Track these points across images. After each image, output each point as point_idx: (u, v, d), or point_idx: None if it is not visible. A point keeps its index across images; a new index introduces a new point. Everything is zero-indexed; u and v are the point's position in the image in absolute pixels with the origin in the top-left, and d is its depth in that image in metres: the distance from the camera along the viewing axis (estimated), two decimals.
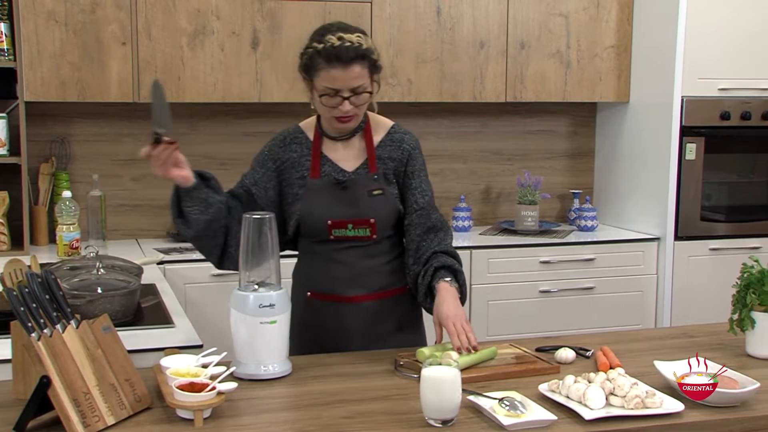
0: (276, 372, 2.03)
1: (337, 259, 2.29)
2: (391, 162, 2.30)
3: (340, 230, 2.26)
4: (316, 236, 2.30)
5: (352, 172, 2.29)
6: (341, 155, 2.30)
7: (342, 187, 2.27)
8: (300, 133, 2.34)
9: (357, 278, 2.29)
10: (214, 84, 3.72)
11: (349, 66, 2.13)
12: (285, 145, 2.33)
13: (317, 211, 2.26)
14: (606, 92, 4.26)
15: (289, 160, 2.32)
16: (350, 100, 2.16)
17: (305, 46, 2.22)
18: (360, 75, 2.15)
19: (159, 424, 1.76)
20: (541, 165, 4.55)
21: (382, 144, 2.31)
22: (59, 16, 3.50)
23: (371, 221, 2.26)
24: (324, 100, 2.18)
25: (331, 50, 2.12)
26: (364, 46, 2.15)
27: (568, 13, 4.15)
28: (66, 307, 1.79)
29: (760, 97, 4.08)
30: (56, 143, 3.86)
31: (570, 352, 2.20)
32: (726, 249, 4.09)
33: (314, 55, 2.16)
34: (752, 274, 2.24)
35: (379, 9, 3.89)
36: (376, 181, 2.27)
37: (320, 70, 2.15)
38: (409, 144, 2.32)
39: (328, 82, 2.15)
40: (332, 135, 2.30)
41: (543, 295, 3.98)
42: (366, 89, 2.18)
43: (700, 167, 4.04)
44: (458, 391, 1.76)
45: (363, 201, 2.26)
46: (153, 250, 3.70)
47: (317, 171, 2.28)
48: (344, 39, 2.13)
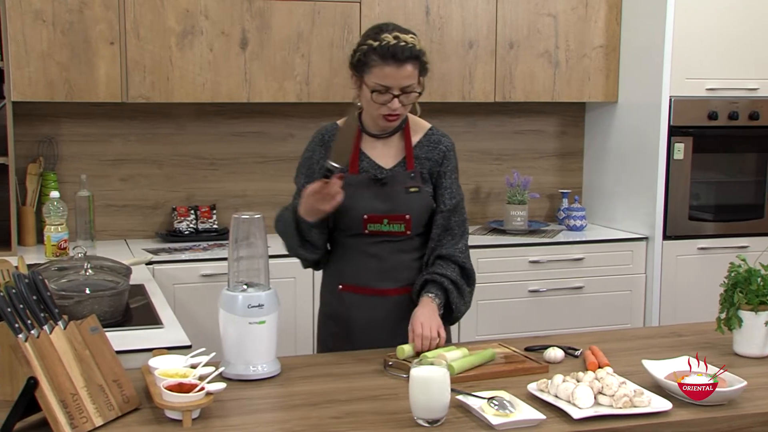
0: (265, 372, 2.03)
1: (370, 252, 2.34)
2: (428, 162, 2.36)
3: (375, 225, 2.31)
4: (350, 230, 2.34)
5: (389, 170, 2.34)
6: (380, 152, 2.36)
7: (380, 184, 2.32)
8: (338, 130, 2.36)
9: (389, 272, 2.34)
10: (203, 84, 3.71)
11: (402, 65, 2.20)
12: (324, 143, 2.37)
13: (354, 205, 2.30)
14: (594, 92, 4.27)
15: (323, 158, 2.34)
16: (399, 98, 2.23)
17: (359, 43, 2.28)
18: (411, 75, 2.22)
19: (147, 424, 1.76)
20: (530, 165, 4.55)
21: (420, 144, 2.38)
22: (46, 16, 3.49)
23: (407, 217, 2.32)
24: (374, 96, 2.23)
25: (387, 48, 2.19)
26: (417, 47, 2.23)
27: (556, 13, 4.16)
28: (53, 308, 1.78)
29: (747, 97, 4.10)
30: (44, 143, 3.84)
31: (559, 352, 2.20)
32: (714, 248, 4.11)
33: (369, 51, 2.22)
34: (739, 273, 2.25)
35: (368, 9, 3.89)
36: (413, 179, 2.33)
37: (374, 67, 2.21)
38: (446, 145, 2.40)
39: (381, 78, 2.21)
40: (373, 132, 2.36)
41: (532, 294, 3.99)
42: (415, 89, 2.25)
43: (688, 167, 4.06)
44: (447, 391, 1.77)
45: (400, 197, 2.32)
46: (142, 250, 3.69)
47: (356, 167, 2.33)
48: (400, 38, 2.21)
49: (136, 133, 3.99)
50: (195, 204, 4.05)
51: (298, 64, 3.81)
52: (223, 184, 4.11)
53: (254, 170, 4.14)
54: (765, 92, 4.11)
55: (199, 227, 3.97)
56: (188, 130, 4.04)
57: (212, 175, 4.10)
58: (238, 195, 4.13)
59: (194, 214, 3.99)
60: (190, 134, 4.05)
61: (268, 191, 4.16)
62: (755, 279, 2.22)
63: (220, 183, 4.11)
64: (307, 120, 4.17)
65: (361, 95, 2.29)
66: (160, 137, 4.01)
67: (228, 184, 4.11)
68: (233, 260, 2.07)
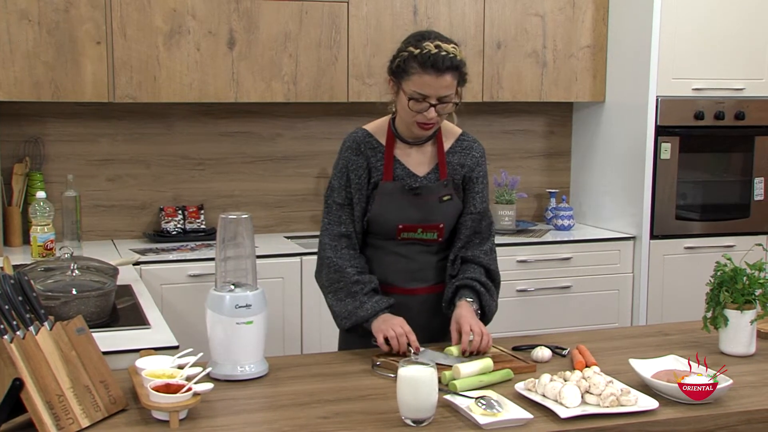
0: (253, 372, 2.03)
1: (400, 253, 2.35)
2: (461, 168, 2.37)
3: (409, 233, 2.33)
4: (383, 236, 2.35)
5: (423, 177, 2.34)
6: (413, 159, 2.35)
7: (414, 194, 2.31)
8: (370, 137, 2.35)
9: (418, 272, 2.36)
10: (191, 84, 3.70)
11: (442, 74, 2.17)
12: (360, 152, 2.33)
13: (389, 214, 2.31)
14: (582, 92, 4.29)
15: (364, 165, 2.33)
16: (436, 107, 2.20)
17: (399, 50, 2.25)
18: (450, 85, 2.20)
19: (134, 425, 1.75)
20: (518, 164, 4.56)
21: (452, 150, 2.38)
22: (32, 15, 3.47)
23: (440, 226, 2.34)
24: (411, 104, 2.20)
25: (428, 57, 2.16)
26: (458, 58, 2.20)
27: (544, 13, 4.17)
28: (39, 309, 1.77)
29: (733, 97, 4.12)
30: (30, 143, 3.82)
31: (546, 351, 2.21)
32: (701, 247, 4.13)
33: (409, 58, 2.19)
34: (725, 272, 2.26)
35: (355, 9, 3.88)
36: (446, 187, 2.34)
37: (413, 74, 2.19)
38: (478, 151, 2.41)
39: (419, 87, 2.18)
40: (407, 139, 2.34)
41: (520, 294, 4.00)
42: (452, 99, 2.23)
43: (674, 166, 4.07)
44: (434, 391, 1.77)
45: (434, 206, 2.33)
46: (129, 250, 3.68)
47: (390, 174, 2.32)
48: (441, 48, 2.18)
49: (123, 133, 3.97)
50: (182, 204, 4.04)
51: (285, 64, 3.81)
52: (210, 184, 4.10)
53: (242, 170, 4.13)
54: (751, 92, 4.14)
55: (187, 227, 3.96)
56: (176, 130, 4.03)
57: (200, 175, 4.09)
58: (226, 195, 4.13)
59: (182, 214, 3.98)
60: (178, 134, 4.04)
61: (255, 191, 4.16)
62: (741, 278, 2.23)
63: (207, 183, 4.10)
64: (294, 120, 4.17)
65: (397, 101, 2.27)
66: (147, 137, 4.00)
67: (216, 184, 4.10)
68: (220, 260, 2.06)
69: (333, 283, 2.30)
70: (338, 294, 2.29)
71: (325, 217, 2.36)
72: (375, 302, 2.24)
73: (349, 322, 2.26)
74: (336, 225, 2.32)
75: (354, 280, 2.27)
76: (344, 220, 2.32)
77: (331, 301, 2.32)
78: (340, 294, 2.28)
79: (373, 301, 2.24)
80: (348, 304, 2.26)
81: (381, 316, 2.22)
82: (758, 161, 4.22)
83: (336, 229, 2.32)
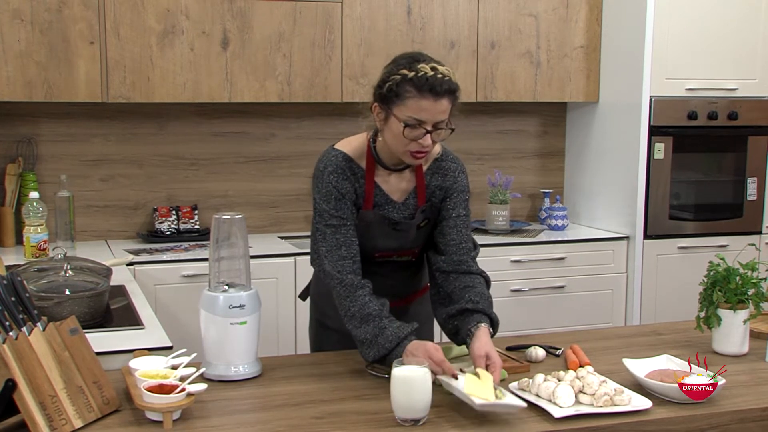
0: (246, 373, 2.03)
1: (373, 271, 2.26)
2: (440, 191, 2.27)
3: (385, 258, 2.31)
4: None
5: (401, 204, 2.24)
6: (391, 185, 2.24)
7: (394, 229, 2.25)
8: (350, 162, 2.20)
9: (390, 288, 2.29)
10: (184, 84, 3.69)
11: (439, 99, 2.05)
12: (346, 177, 2.19)
13: (367, 243, 2.24)
14: (575, 92, 4.29)
15: (352, 190, 2.21)
16: (432, 134, 2.07)
17: (388, 73, 2.10)
18: (446, 110, 2.07)
19: (127, 426, 1.75)
20: (511, 164, 4.57)
21: (430, 171, 2.26)
22: (25, 15, 3.46)
23: (415, 251, 2.32)
24: (406, 131, 2.05)
25: (425, 80, 2.04)
26: (453, 81, 2.09)
27: (537, 14, 4.17)
28: (32, 309, 1.76)
29: (727, 98, 4.13)
30: (23, 143, 3.81)
31: (540, 351, 2.21)
32: (694, 247, 4.14)
33: (403, 82, 2.05)
34: (718, 272, 2.27)
35: (349, 9, 3.88)
36: (424, 212, 2.26)
37: (408, 99, 2.04)
38: (455, 170, 2.28)
39: (415, 112, 2.04)
40: (388, 166, 2.21)
41: (514, 294, 4.00)
42: (448, 125, 2.10)
43: (668, 166, 4.08)
44: (428, 391, 1.77)
45: (411, 235, 2.28)
46: (122, 251, 3.67)
47: (370, 203, 2.22)
48: (437, 70, 2.06)
49: (116, 133, 3.96)
50: (176, 204, 4.03)
51: (279, 64, 3.80)
52: (204, 185, 4.09)
53: (236, 170, 4.13)
54: (744, 92, 4.15)
55: (181, 228, 3.96)
56: (169, 130, 4.03)
57: (193, 176, 4.08)
58: (220, 195, 4.12)
59: (175, 214, 3.97)
60: (171, 134, 4.03)
61: (249, 191, 4.15)
62: (734, 278, 2.24)
63: (201, 183, 4.10)
64: (288, 120, 4.17)
65: (384, 128, 2.11)
66: (140, 137, 3.99)
67: (209, 185, 4.10)
68: (214, 260, 2.06)
69: (347, 310, 2.14)
70: (353, 321, 2.12)
71: (322, 244, 2.19)
72: (396, 328, 2.06)
73: (372, 351, 2.07)
74: (336, 249, 2.17)
75: (367, 304, 2.11)
76: (342, 242, 2.18)
77: (350, 327, 2.15)
78: (354, 321, 2.11)
79: (395, 326, 2.07)
80: (368, 332, 2.07)
81: (407, 347, 2.02)
82: (751, 161, 4.23)
83: (336, 253, 2.16)
